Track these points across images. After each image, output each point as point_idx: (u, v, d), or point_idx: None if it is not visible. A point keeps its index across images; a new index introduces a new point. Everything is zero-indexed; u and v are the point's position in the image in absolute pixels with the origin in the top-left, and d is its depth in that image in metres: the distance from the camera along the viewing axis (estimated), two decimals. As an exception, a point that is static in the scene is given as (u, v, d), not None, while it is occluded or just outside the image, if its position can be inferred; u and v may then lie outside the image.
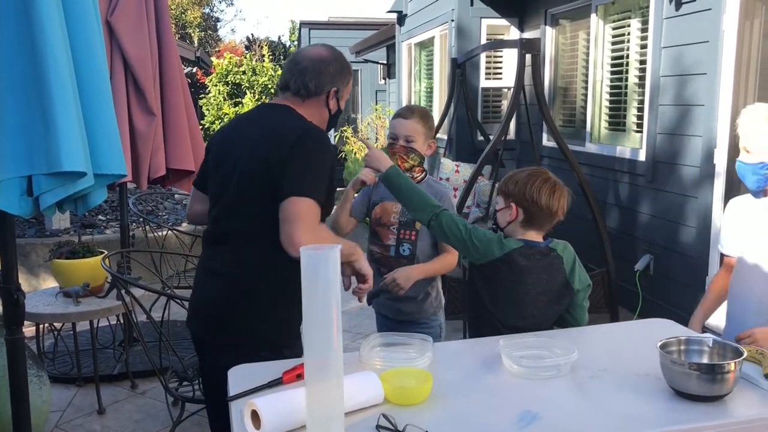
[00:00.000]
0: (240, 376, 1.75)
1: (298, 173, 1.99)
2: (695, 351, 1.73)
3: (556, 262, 2.14)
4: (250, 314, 2.10)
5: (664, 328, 2.08)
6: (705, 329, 4.14)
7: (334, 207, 2.74)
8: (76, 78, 2.11)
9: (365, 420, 1.51)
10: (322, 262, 1.33)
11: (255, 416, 1.46)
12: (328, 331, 1.34)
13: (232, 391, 1.66)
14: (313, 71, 2.16)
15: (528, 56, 4.70)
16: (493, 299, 2.17)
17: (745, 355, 1.63)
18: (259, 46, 17.61)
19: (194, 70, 16.86)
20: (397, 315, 2.73)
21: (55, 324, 4.05)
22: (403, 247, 2.66)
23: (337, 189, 2.80)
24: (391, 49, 12.11)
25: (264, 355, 2.00)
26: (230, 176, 2.11)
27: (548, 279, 2.13)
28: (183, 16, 26.16)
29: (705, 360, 1.70)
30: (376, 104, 13.27)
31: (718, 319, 4.26)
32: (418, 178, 2.68)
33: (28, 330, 4.19)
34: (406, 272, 2.56)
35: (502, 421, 1.51)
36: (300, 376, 1.67)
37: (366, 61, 13.52)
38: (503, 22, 7.35)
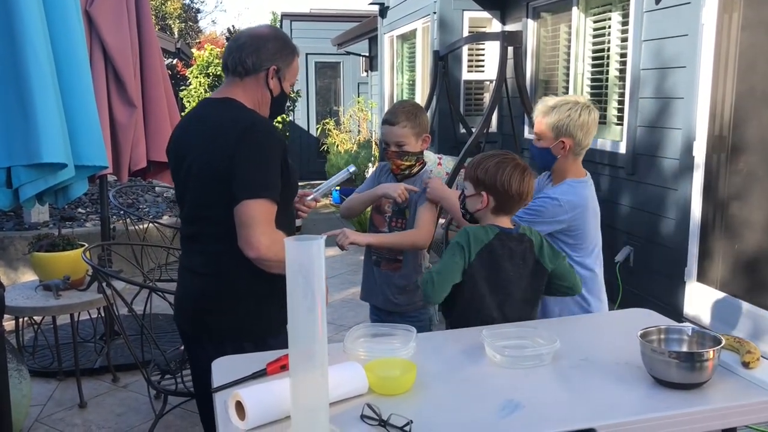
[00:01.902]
0: (223, 368, 1.75)
1: (247, 173, 1.94)
2: (675, 340, 1.76)
3: (529, 247, 2.18)
4: (227, 310, 2.09)
5: (644, 318, 2.10)
6: (684, 319, 4.19)
7: (354, 196, 2.83)
8: (56, 69, 2.09)
9: (350, 410, 1.52)
10: (306, 252, 1.33)
11: (239, 407, 1.46)
12: (312, 322, 1.34)
13: (216, 383, 1.66)
14: (251, 47, 2.09)
15: (510, 49, 4.73)
16: (484, 291, 2.16)
17: (724, 343, 1.66)
18: (240, 37, 17.51)
19: (175, 61, 16.70)
20: (387, 305, 2.79)
21: (35, 317, 4.01)
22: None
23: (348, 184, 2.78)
24: (374, 42, 12.07)
25: (247, 347, 2.00)
26: (188, 181, 2.08)
27: (523, 264, 2.16)
28: (163, 7, 25.86)
29: (684, 348, 1.73)
30: (359, 97, 13.24)
31: (697, 309, 4.33)
32: (415, 171, 2.73)
33: (8, 324, 4.14)
34: (352, 232, 2.56)
35: (485, 410, 1.52)
36: (284, 367, 1.68)
37: (348, 53, 13.46)
38: (485, 14, 7.36)
